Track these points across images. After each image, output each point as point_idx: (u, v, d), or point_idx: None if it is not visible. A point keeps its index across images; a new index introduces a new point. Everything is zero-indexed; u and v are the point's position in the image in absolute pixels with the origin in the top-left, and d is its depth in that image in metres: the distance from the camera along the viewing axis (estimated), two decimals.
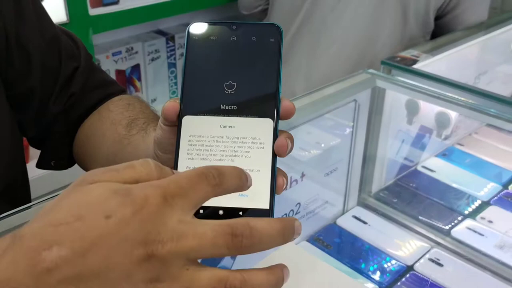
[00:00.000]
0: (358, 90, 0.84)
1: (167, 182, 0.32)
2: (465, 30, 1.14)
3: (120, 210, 0.31)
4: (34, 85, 0.64)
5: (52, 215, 0.31)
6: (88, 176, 0.33)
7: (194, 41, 0.41)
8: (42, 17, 0.65)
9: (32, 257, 0.29)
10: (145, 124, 0.60)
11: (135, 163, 0.34)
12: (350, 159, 0.88)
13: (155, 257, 0.31)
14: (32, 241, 0.30)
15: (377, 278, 0.78)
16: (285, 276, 0.35)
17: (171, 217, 0.31)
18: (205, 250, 0.32)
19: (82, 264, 0.30)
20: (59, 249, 0.30)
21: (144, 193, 0.31)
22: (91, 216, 0.31)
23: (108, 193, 0.31)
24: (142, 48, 1.52)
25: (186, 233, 0.31)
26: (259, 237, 0.33)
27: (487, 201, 0.94)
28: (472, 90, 0.84)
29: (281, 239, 0.34)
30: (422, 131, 0.99)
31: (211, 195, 0.34)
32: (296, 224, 0.35)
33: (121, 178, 0.33)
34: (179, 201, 0.32)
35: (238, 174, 0.35)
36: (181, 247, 0.31)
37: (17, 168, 0.67)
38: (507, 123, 0.78)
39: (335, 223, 0.89)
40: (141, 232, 0.30)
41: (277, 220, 0.34)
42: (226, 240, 0.32)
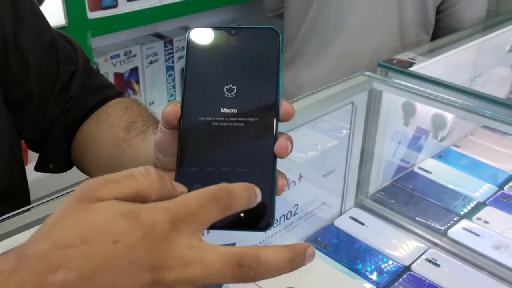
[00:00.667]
0: (355, 93, 0.84)
1: (176, 206, 0.32)
2: (461, 33, 1.15)
3: (128, 234, 0.30)
4: (32, 89, 0.65)
5: (57, 236, 0.31)
6: (88, 190, 0.32)
7: (194, 46, 0.42)
8: (39, 21, 0.66)
9: (39, 279, 0.29)
10: (144, 127, 0.60)
11: (135, 173, 0.33)
12: (347, 161, 0.89)
13: (161, 283, 0.30)
14: (38, 264, 0.30)
15: (374, 279, 0.78)
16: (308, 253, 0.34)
17: (179, 242, 0.31)
18: (211, 279, 0.32)
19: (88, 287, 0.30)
20: (66, 273, 0.29)
21: (152, 217, 0.31)
22: (99, 240, 0.30)
23: (115, 216, 0.31)
24: (140, 51, 1.52)
25: (193, 260, 0.31)
26: (267, 267, 0.32)
27: (483, 202, 0.95)
28: (467, 92, 0.85)
29: (290, 267, 0.34)
30: (419, 133, 1.00)
31: (220, 217, 0.33)
32: (308, 251, 0.35)
33: (122, 192, 0.32)
34: (188, 226, 0.32)
35: (248, 195, 0.35)
36: (188, 275, 0.31)
37: (16, 171, 0.68)
38: (503, 124, 0.79)
39: (333, 224, 0.89)
40: (148, 258, 0.30)
41: (287, 249, 0.34)
42: (233, 270, 0.32)
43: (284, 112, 0.40)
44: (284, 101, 0.41)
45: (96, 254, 0.30)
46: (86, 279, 0.29)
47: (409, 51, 0.97)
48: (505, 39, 1.16)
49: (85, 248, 0.30)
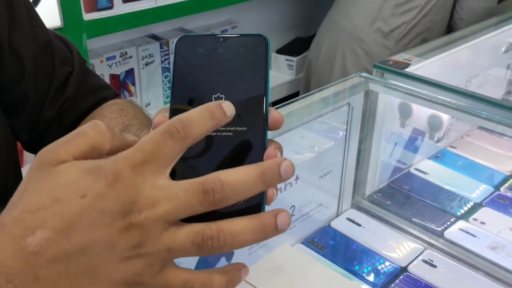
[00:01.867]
0: (351, 94, 0.84)
1: (133, 152, 0.33)
2: (457, 34, 1.15)
3: (94, 187, 0.32)
4: (27, 90, 0.65)
5: (27, 202, 0.32)
6: (45, 155, 0.34)
7: (182, 54, 0.41)
8: (35, 22, 0.66)
9: (17, 242, 0.31)
10: (138, 130, 0.60)
11: (84, 129, 0.35)
12: (344, 162, 0.89)
13: (134, 225, 0.32)
14: (14, 228, 0.31)
15: (371, 280, 0.78)
16: (280, 221, 0.35)
17: (143, 184, 0.32)
18: (180, 211, 0.33)
19: (67, 243, 0.31)
20: (42, 232, 0.31)
21: (114, 167, 0.32)
22: (68, 197, 0.32)
23: (79, 173, 0.33)
24: (136, 53, 1.52)
25: (160, 198, 0.32)
26: (232, 188, 0.33)
27: (480, 203, 0.95)
28: (464, 93, 0.85)
29: (261, 184, 0.34)
30: (415, 134, 1.00)
31: (181, 149, 0.34)
32: (284, 164, 0.35)
33: (77, 149, 0.34)
34: (149, 167, 0.33)
35: (209, 114, 0.34)
36: (157, 212, 0.32)
37: (11, 172, 0.68)
38: (498, 125, 0.79)
39: (329, 226, 0.89)
40: (117, 204, 0.32)
41: (254, 165, 0.34)
42: (198, 197, 0.33)
43: (273, 120, 0.40)
44: (273, 109, 0.40)
45: (67, 210, 0.32)
46: (62, 235, 0.31)
47: (405, 52, 0.97)
48: (501, 40, 1.16)
49: (56, 207, 0.32)
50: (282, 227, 0.35)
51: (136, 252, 0.32)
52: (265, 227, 0.34)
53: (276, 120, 0.40)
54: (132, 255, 0.32)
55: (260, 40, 0.41)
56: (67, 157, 0.33)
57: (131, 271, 0.32)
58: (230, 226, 0.33)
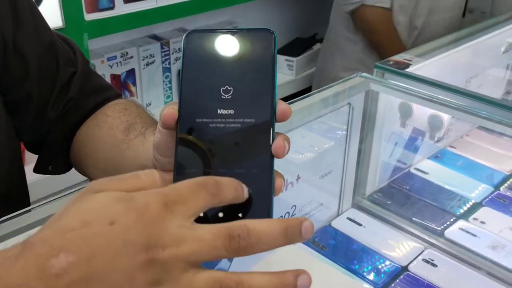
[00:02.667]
0: (352, 94, 0.85)
1: (168, 190, 0.34)
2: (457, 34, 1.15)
3: (123, 216, 0.32)
4: (31, 91, 0.65)
5: (59, 222, 0.33)
6: (95, 184, 0.35)
7: (190, 49, 0.42)
8: (39, 22, 0.66)
9: (42, 263, 0.31)
10: (143, 128, 0.61)
11: (140, 173, 0.36)
12: (344, 162, 0.89)
13: (156, 261, 0.32)
14: (41, 248, 0.32)
15: (372, 279, 0.79)
16: (300, 283, 0.34)
17: (172, 222, 0.33)
18: (204, 253, 0.33)
19: (88, 268, 0.31)
20: (66, 256, 0.31)
21: (146, 199, 0.33)
22: (96, 223, 0.32)
23: (111, 200, 0.33)
24: (137, 53, 1.52)
25: (186, 238, 0.33)
26: (257, 237, 0.33)
27: (479, 202, 0.95)
28: (464, 92, 0.85)
29: (283, 239, 0.34)
30: (415, 134, 1.01)
31: (209, 203, 0.35)
32: (305, 225, 0.35)
33: (125, 187, 0.34)
34: (179, 208, 0.33)
35: (235, 186, 0.36)
36: (181, 251, 0.32)
37: (15, 173, 0.68)
38: (498, 125, 0.79)
39: (330, 225, 0.90)
40: (143, 237, 0.32)
41: (278, 220, 0.35)
42: (224, 242, 0.33)
43: (281, 112, 0.41)
44: (281, 101, 0.41)
45: (94, 235, 0.32)
46: (85, 260, 0.31)
47: (405, 52, 0.97)
48: (500, 41, 1.17)
49: (83, 230, 0.32)
50: None
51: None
52: (284, 287, 0.34)
53: (284, 112, 0.41)
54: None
55: (267, 34, 0.42)
56: (111, 190, 0.34)
57: None
58: (251, 281, 0.33)
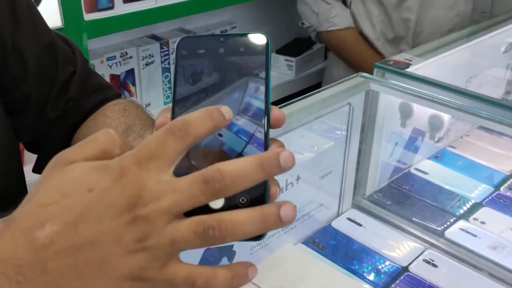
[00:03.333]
0: (352, 94, 0.85)
1: (138, 149, 0.35)
2: (457, 34, 1.15)
3: (101, 181, 0.33)
4: (30, 91, 0.65)
5: (39, 197, 0.34)
6: (59, 157, 0.36)
7: (183, 55, 0.42)
8: (38, 22, 0.66)
9: (28, 234, 0.32)
10: (142, 130, 0.61)
11: (97, 135, 0.37)
12: (344, 162, 0.89)
13: (139, 218, 0.33)
14: (25, 221, 0.33)
15: (372, 279, 0.79)
16: (284, 212, 0.35)
17: (149, 179, 0.34)
18: (184, 202, 0.34)
19: (75, 235, 0.32)
20: (52, 225, 0.32)
21: (120, 163, 0.34)
22: (76, 192, 0.33)
23: (87, 170, 0.34)
24: (136, 53, 1.52)
25: (164, 191, 0.34)
26: (232, 177, 0.34)
27: (480, 203, 0.95)
28: (464, 92, 0.85)
29: (261, 173, 0.35)
30: (415, 134, 1.01)
31: (183, 147, 0.35)
32: (283, 155, 0.35)
33: (89, 152, 0.35)
34: (154, 163, 0.34)
35: (208, 115, 0.36)
36: (162, 204, 0.33)
37: (14, 173, 0.68)
38: (498, 125, 0.79)
39: (330, 226, 0.90)
40: (123, 198, 0.33)
41: (253, 156, 0.35)
42: (200, 188, 0.33)
43: (275, 118, 0.40)
44: (275, 108, 0.41)
45: (75, 204, 0.33)
46: (71, 228, 0.32)
47: (406, 52, 0.97)
48: (500, 41, 1.16)
49: (64, 201, 0.33)
50: (287, 219, 0.35)
51: (141, 245, 0.33)
52: (267, 217, 0.35)
53: (278, 118, 0.40)
54: (137, 248, 0.33)
55: (261, 39, 0.41)
56: (77, 159, 0.35)
57: (136, 265, 0.33)
58: (231, 216, 0.34)
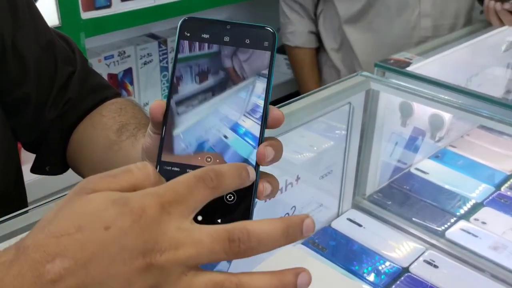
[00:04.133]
0: (352, 93, 0.84)
1: (164, 190, 0.33)
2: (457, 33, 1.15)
3: (119, 220, 0.31)
4: (29, 91, 0.64)
5: (53, 226, 0.32)
6: (86, 183, 0.33)
7: (185, 37, 0.40)
8: (37, 21, 0.65)
9: (37, 269, 0.30)
10: (135, 129, 0.60)
11: (132, 168, 0.34)
12: (344, 162, 0.88)
13: (154, 266, 0.31)
14: (35, 253, 0.31)
15: (373, 281, 0.78)
16: (300, 281, 0.33)
17: (169, 225, 0.32)
18: (203, 256, 0.32)
19: (84, 274, 0.30)
20: (62, 261, 0.30)
21: (141, 202, 0.32)
22: (91, 227, 0.31)
23: (106, 203, 0.32)
24: (134, 52, 1.51)
25: (183, 241, 0.32)
26: (258, 240, 0.32)
27: (480, 203, 0.95)
28: (465, 91, 0.85)
29: (284, 239, 0.33)
30: (415, 133, 1.00)
31: (210, 197, 0.34)
32: (306, 223, 0.34)
33: (118, 184, 0.33)
34: (177, 208, 0.32)
35: (238, 173, 0.35)
36: (179, 255, 0.31)
37: (12, 173, 0.67)
38: (499, 124, 0.78)
39: (330, 226, 0.89)
40: (140, 242, 0.31)
41: (280, 220, 0.34)
42: (223, 245, 0.32)
43: (274, 118, 0.39)
44: (274, 108, 0.40)
45: (89, 240, 0.31)
46: (81, 266, 0.30)
47: (406, 51, 0.97)
48: (501, 39, 1.16)
49: (78, 235, 0.31)
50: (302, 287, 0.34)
51: None
52: (285, 287, 0.33)
53: (277, 118, 0.39)
54: None
55: (268, 33, 0.40)
56: (103, 190, 0.33)
57: None
58: (250, 282, 0.32)
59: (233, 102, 0.39)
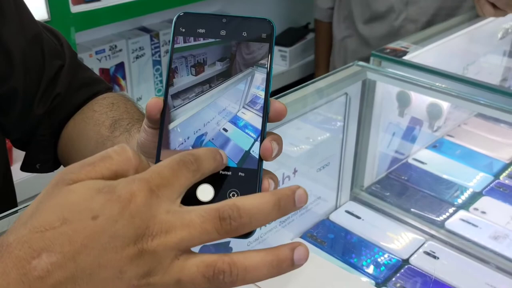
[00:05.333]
0: (348, 83, 0.83)
1: (150, 174, 0.32)
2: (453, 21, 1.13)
3: (107, 208, 0.30)
4: (17, 86, 0.62)
5: (36, 220, 0.30)
6: (64, 174, 0.32)
7: (181, 33, 0.39)
8: (23, 14, 0.63)
9: (22, 266, 0.29)
10: (129, 125, 0.58)
11: (111, 153, 0.33)
12: (342, 154, 0.87)
13: (146, 252, 0.30)
14: (20, 250, 0.29)
15: (372, 273, 0.77)
16: (297, 255, 0.32)
17: (158, 209, 0.31)
18: (195, 238, 0.31)
19: (73, 267, 0.29)
20: (49, 256, 0.29)
21: (129, 188, 0.31)
22: (78, 218, 0.30)
23: (91, 193, 0.31)
24: (126, 46, 1.49)
25: (174, 224, 0.31)
26: (249, 215, 0.32)
27: (479, 192, 0.94)
28: (462, 79, 0.83)
29: (277, 213, 0.33)
30: (413, 123, 0.99)
31: (192, 180, 0.33)
32: (298, 193, 0.33)
33: (99, 173, 0.32)
34: (165, 191, 0.32)
35: (213, 156, 0.35)
36: (171, 239, 0.31)
37: (1, 172, 0.65)
38: (497, 111, 0.77)
39: (328, 219, 0.88)
40: (131, 228, 0.30)
41: (270, 193, 0.33)
42: (214, 224, 0.31)
43: (275, 111, 0.38)
44: (275, 100, 0.39)
45: (77, 232, 0.30)
46: (70, 259, 0.29)
47: (402, 40, 0.95)
48: (497, 27, 1.15)
49: (65, 228, 0.30)
50: (299, 262, 0.33)
51: (145, 281, 0.31)
52: (281, 262, 0.32)
53: (279, 111, 0.38)
54: (140, 284, 0.30)
55: (265, 24, 0.39)
56: (84, 179, 0.32)
57: None
58: (244, 260, 0.32)
59: (233, 96, 0.38)
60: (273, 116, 0.38)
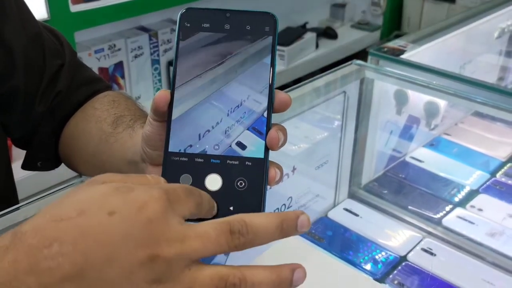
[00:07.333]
0: (346, 82, 0.83)
1: (167, 188, 0.33)
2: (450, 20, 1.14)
3: (125, 207, 0.31)
4: (18, 85, 0.63)
5: (54, 210, 0.31)
6: (98, 177, 0.34)
7: (186, 27, 0.40)
8: (24, 14, 0.64)
9: (34, 254, 0.29)
10: (131, 121, 0.59)
11: (147, 175, 0.35)
12: (340, 152, 0.88)
13: (159, 258, 0.30)
14: (33, 238, 0.30)
15: (370, 269, 0.78)
16: (296, 277, 0.34)
17: (173, 219, 0.32)
18: (208, 250, 0.32)
19: (83, 261, 0.29)
20: (60, 246, 0.29)
21: (149, 193, 0.32)
22: (94, 212, 0.30)
23: (112, 190, 0.31)
24: (124, 45, 1.50)
25: (189, 234, 0.31)
26: (254, 232, 0.33)
27: (476, 190, 0.95)
28: (460, 78, 0.84)
29: (279, 234, 0.34)
30: (410, 122, 0.99)
31: (193, 211, 0.34)
32: (301, 219, 0.34)
33: (129, 181, 0.33)
34: (179, 207, 0.32)
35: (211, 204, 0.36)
36: (186, 248, 0.31)
37: (2, 170, 0.66)
38: (494, 109, 0.78)
39: (327, 216, 0.89)
40: (146, 231, 0.30)
41: (275, 214, 0.34)
42: (226, 238, 0.32)
43: (280, 102, 0.39)
44: (280, 91, 0.40)
45: (91, 226, 0.30)
46: (79, 253, 0.29)
47: (400, 39, 0.96)
48: (493, 26, 1.15)
49: (80, 220, 0.30)
50: (297, 283, 0.34)
51: (155, 286, 0.30)
52: (282, 282, 0.34)
53: (284, 102, 0.39)
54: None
55: (269, 18, 0.40)
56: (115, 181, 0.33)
57: None
58: (252, 277, 0.32)
59: (238, 87, 0.39)
60: (278, 106, 0.39)
